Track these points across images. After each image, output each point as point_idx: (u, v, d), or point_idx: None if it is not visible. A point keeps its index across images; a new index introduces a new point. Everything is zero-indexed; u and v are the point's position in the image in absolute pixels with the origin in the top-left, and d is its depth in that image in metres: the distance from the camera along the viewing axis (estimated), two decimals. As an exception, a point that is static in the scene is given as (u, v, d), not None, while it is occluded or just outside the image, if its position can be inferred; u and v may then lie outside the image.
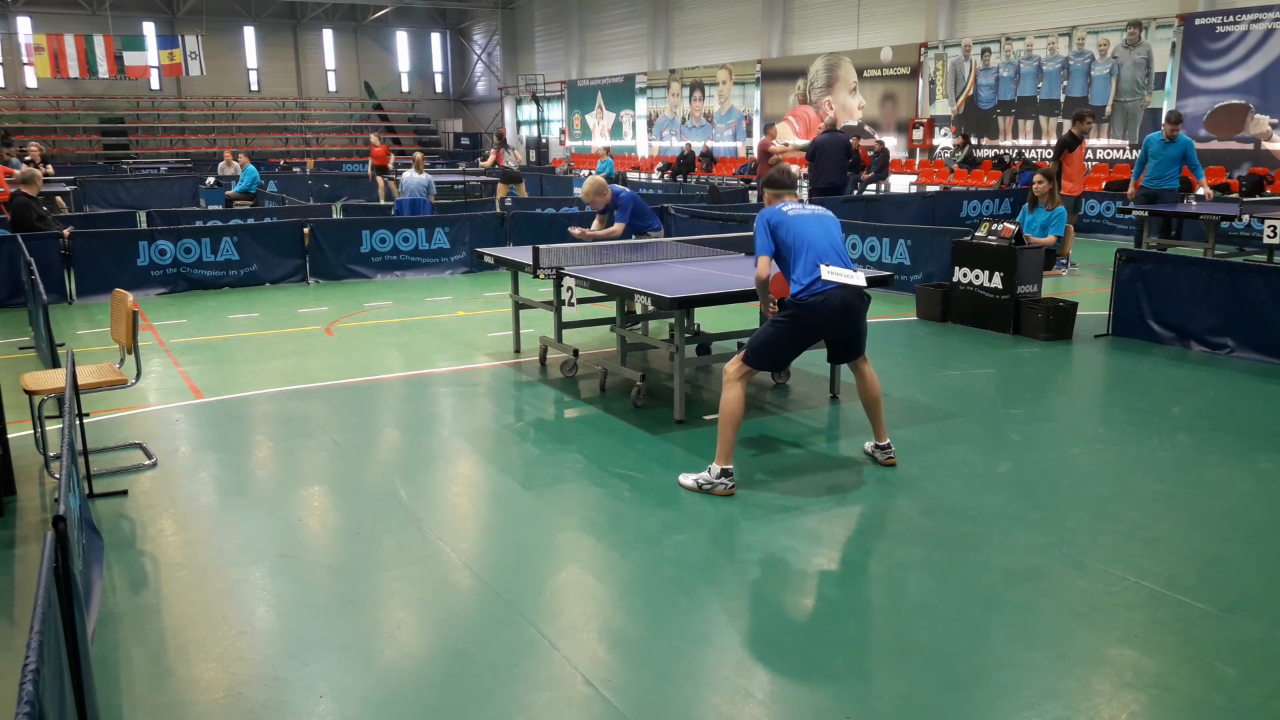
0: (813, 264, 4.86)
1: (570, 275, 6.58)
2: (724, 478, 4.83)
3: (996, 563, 4.09)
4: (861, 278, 4.94)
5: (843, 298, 4.85)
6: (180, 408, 6.53)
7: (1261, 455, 5.40)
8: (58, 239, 10.61)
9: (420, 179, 15.01)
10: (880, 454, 5.28)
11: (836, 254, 4.94)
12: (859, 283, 4.90)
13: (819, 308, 4.83)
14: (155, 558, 4.23)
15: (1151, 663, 3.33)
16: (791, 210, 5.04)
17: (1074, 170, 11.84)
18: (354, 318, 9.73)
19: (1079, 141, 11.78)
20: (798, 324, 4.89)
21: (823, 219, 5.06)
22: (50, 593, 2.11)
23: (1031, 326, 8.38)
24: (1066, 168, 11.75)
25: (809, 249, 4.89)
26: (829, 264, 4.87)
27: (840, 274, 4.85)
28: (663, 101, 31.78)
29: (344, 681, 3.25)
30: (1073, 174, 11.81)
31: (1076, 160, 11.84)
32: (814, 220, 5.02)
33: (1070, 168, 11.78)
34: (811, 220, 5.01)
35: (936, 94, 22.69)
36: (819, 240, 4.92)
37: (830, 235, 4.99)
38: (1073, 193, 11.79)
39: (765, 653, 3.41)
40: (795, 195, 5.28)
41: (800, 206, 5.09)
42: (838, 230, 5.09)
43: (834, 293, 4.83)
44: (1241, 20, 16.77)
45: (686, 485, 4.90)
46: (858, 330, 5.05)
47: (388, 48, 43.07)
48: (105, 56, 32.70)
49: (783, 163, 5.49)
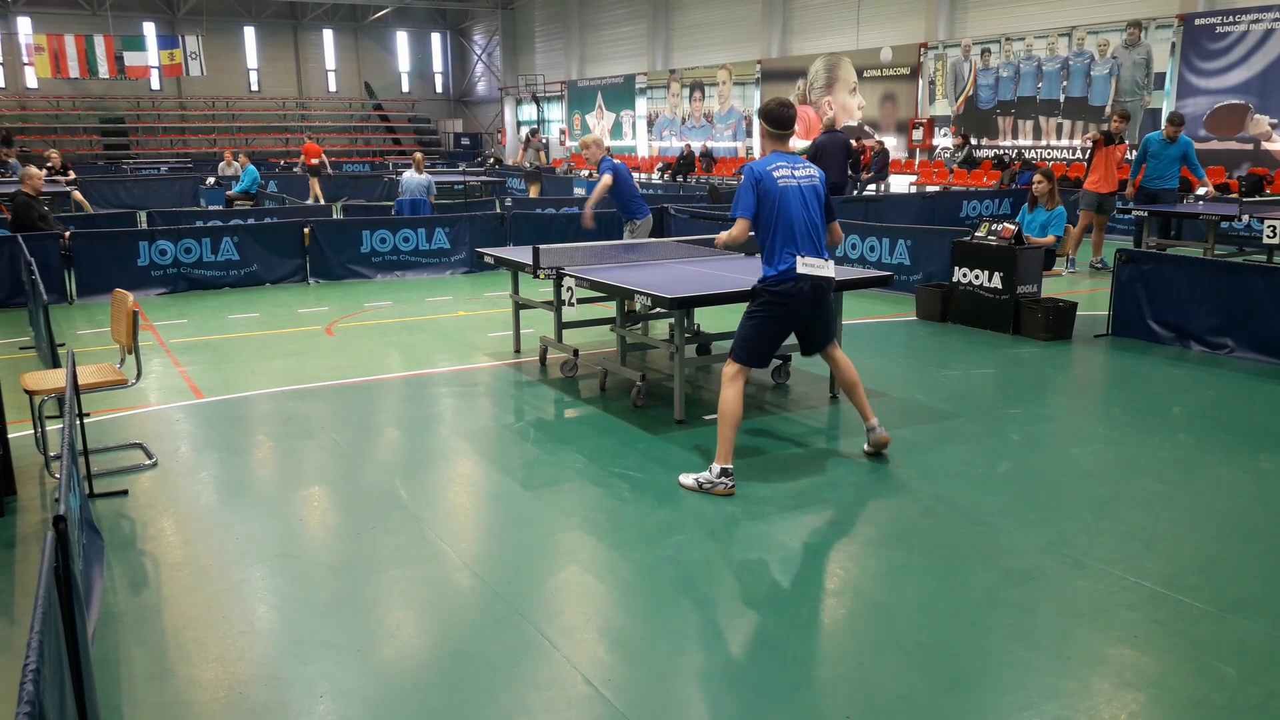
0: (789, 251, 4.88)
1: (570, 275, 6.59)
2: (724, 477, 4.83)
3: (996, 563, 4.09)
4: (831, 268, 4.99)
5: (814, 284, 4.93)
6: (180, 408, 6.54)
7: (1261, 455, 5.40)
8: (58, 239, 10.62)
9: (420, 179, 15.00)
10: (871, 435, 5.30)
11: (812, 238, 4.93)
12: (829, 274, 4.97)
13: (792, 295, 4.90)
14: (155, 558, 4.23)
15: (1151, 663, 3.33)
16: (781, 177, 4.92)
17: (1107, 167, 11.75)
18: (354, 318, 9.73)
19: (1115, 139, 11.75)
20: (774, 311, 4.95)
21: (806, 192, 4.96)
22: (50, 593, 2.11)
23: (1031, 326, 8.38)
24: (1098, 163, 11.70)
25: (787, 231, 4.88)
26: (804, 254, 4.89)
27: (814, 266, 4.90)
28: (663, 102, 31.78)
29: (344, 681, 3.25)
30: (1104, 171, 11.74)
31: (1111, 157, 11.77)
32: (798, 195, 4.93)
33: (1104, 164, 11.72)
34: (795, 195, 4.92)
35: (936, 94, 22.69)
36: (799, 221, 4.89)
37: (810, 213, 4.95)
38: (1100, 189, 11.74)
39: (765, 652, 3.41)
40: (788, 145, 5.08)
41: (790, 172, 4.96)
42: (819, 204, 5.01)
43: (805, 280, 4.88)
44: (1241, 20, 16.76)
45: (686, 485, 4.90)
46: (828, 316, 5.15)
47: (388, 48, 43.07)
48: (105, 57, 32.70)
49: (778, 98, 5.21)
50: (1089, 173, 11.75)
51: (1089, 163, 11.78)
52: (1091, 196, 11.75)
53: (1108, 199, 11.82)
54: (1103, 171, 11.70)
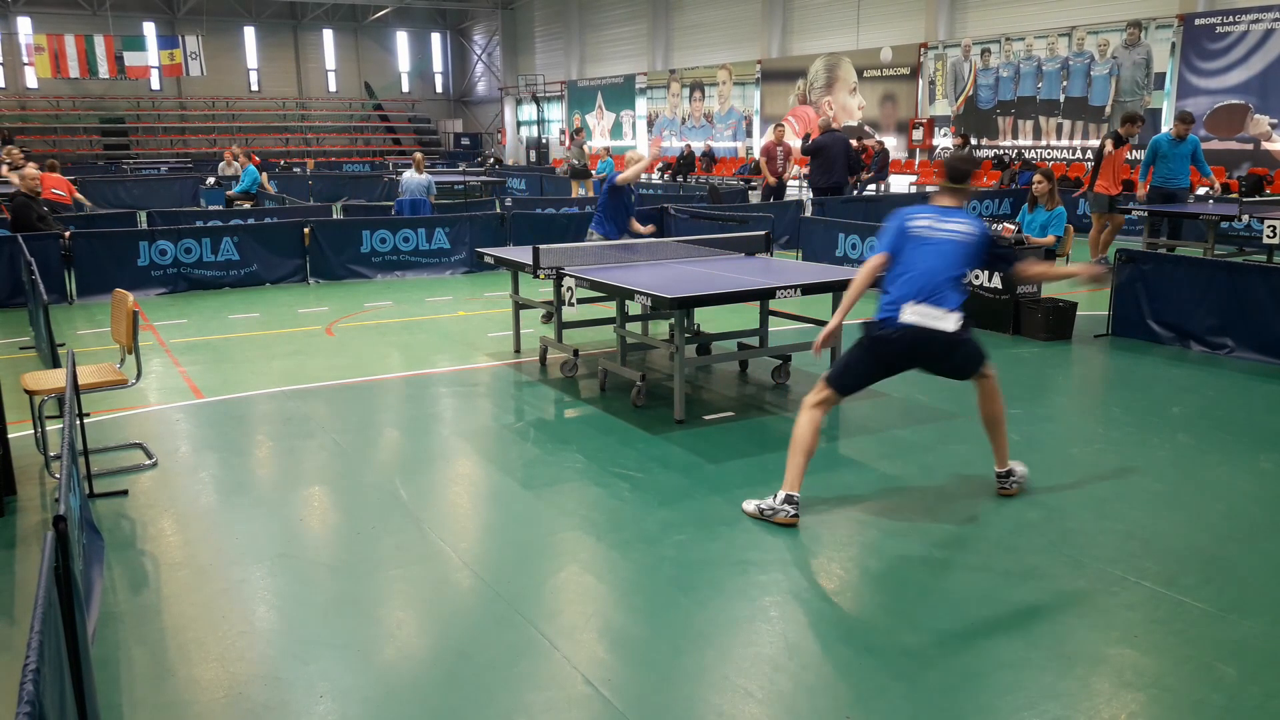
0: (901, 296, 4.50)
1: (570, 275, 6.59)
2: (787, 504, 4.50)
3: (996, 563, 4.09)
4: (952, 322, 4.44)
5: (914, 338, 4.47)
6: (180, 408, 6.54)
7: (1261, 455, 5.40)
8: (58, 239, 10.62)
9: (420, 179, 15.00)
10: (998, 483, 4.87)
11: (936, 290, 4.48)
12: (944, 328, 4.44)
13: (887, 342, 4.53)
14: (155, 557, 4.23)
15: (1151, 663, 3.33)
16: (923, 228, 4.61)
17: (1115, 169, 11.75)
18: (354, 318, 9.73)
19: (1124, 142, 11.74)
20: (873, 353, 4.60)
21: (946, 249, 4.55)
22: (50, 593, 2.11)
23: (1031, 326, 8.38)
24: (1107, 166, 11.69)
25: (909, 278, 4.53)
26: (917, 302, 4.47)
27: (923, 315, 4.45)
28: (663, 102, 31.78)
29: (344, 681, 3.25)
30: (1112, 173, 11.74)
31: (1118, 160, 11.77)
32: (935, 249, 4.55)
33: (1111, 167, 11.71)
34: (932, 249, 4.55)
35: (936, 94, 22.69)
36: (926, 272, 4.50)
37: (945, 269, 4.52)
38: (1109, 191, 11.74)
39: (765, 652, 3.41)
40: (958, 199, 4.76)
41: (934, 224, 4.62)
42: (960, 263, 4.55)
43: (907, 332, 4.46)
44: (1241, 20, 16.76)
45: (748, 511, 4.61)
46: (946, 364, 4.65)
47: (388, 48, 43.06)
48: (105, 57, 32.68)
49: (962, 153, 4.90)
50: (1097, 176, 11.73)
51: (1097, 165, 11.75)
52: (1103, 199, 11.74)
53: (1118, 200, 11.84)
54: (1111, 174, 11.71)
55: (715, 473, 5.14)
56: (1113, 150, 11.61)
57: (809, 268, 8.15)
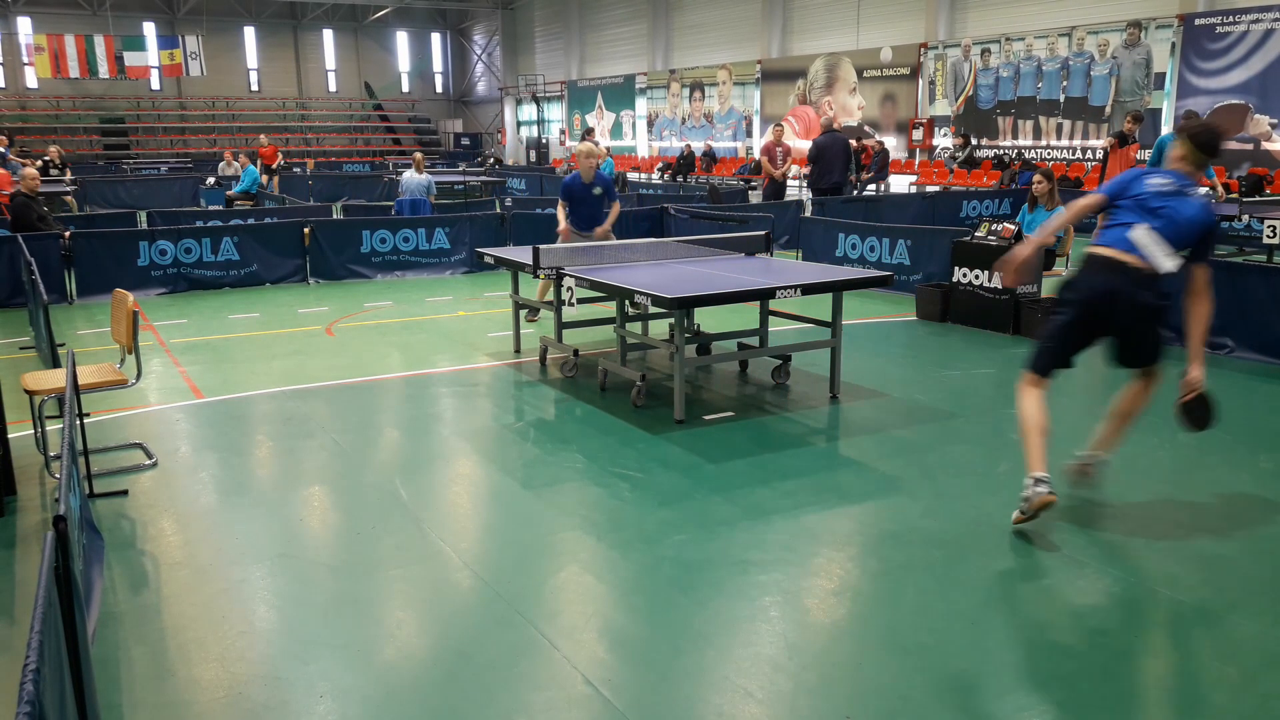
0: (1128, 222, 4.24)
1: (570, 275, 6.59)
2: (1037, 486, 4.23)
3: (996, 563, 4.09)
4: (1169, 264, 4.15)
5: (1111, 286, 4.22)
6: (180, 408, 6.54)
7: (1261, 455, 5.40)
8: (58, 239, 10.62)
9: (420, 179, 14.99)
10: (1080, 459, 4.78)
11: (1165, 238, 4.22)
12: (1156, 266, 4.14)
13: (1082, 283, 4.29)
14: (155, 557, 4.23)
15: (1151, 662, 3.33)
16: (1155, 188, 4.31)
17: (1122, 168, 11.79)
18: (354, 318, 9.73)
19: (1129, 141, 11.75)
20: (1069, 310, 4.36)
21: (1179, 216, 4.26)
22: (50, 593, 2.11)
23: (1031, 326, 8.36)
24: (1113, 165, 11.71)
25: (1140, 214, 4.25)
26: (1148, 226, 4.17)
27: (1145, 243, 4.15)
28: (663, 102, 31.77)
29: (344, 681, 3.25)
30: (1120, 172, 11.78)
31: (1125, 159, 11.78)
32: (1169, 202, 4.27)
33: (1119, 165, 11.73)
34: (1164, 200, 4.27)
35: (936, 94, 22.69)
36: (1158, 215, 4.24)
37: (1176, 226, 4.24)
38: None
39: (765, 652, 3.41)
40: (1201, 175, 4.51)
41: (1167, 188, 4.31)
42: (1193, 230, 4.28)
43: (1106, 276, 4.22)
44: (1241, 20, 16.76)
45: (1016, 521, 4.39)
46: (1140, 334, 4.39)
47: (388, 48, 43.06)
48: (105, 57, 32.69)
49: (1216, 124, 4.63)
50: (1105, 176, 11.77)
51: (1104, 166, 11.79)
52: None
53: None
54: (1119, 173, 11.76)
55: (715, 473, 5.14)
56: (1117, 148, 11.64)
57: (809, 268, 8.16)
